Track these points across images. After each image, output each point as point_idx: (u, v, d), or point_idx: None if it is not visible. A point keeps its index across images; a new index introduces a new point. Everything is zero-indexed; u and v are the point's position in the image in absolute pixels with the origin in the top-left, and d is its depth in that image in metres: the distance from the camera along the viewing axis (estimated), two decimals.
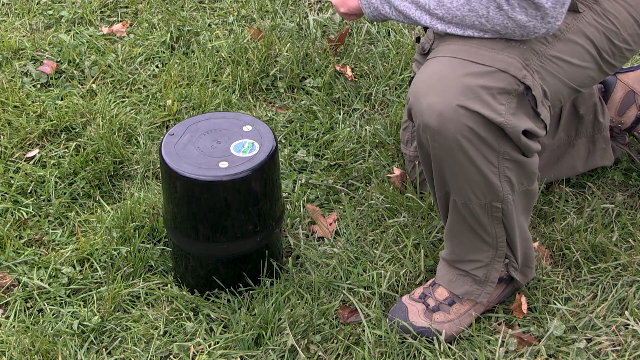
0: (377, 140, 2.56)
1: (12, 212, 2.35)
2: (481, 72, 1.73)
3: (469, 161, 1.77)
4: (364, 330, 2.01)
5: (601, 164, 2.39)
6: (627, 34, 1.92)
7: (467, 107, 1.71)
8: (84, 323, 2.03)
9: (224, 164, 1.91)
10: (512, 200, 1.86)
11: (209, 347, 1.98)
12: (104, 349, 2.00)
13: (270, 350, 1.97)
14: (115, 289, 2.10)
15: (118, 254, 2.19)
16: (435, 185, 1.89)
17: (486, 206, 1.86)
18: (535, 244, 2.20)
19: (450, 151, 1.76)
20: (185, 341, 2.00)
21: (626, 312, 2.05)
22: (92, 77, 2.84)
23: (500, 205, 1.85)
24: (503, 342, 1.98)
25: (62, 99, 2.73)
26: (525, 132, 1.78)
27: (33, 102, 2.72)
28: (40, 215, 2.35)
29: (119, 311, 2.08)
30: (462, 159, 1.77)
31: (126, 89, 2.80)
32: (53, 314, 2.07)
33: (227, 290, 2.08)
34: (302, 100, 2.72)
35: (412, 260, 2.17)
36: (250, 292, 2.09)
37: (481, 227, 1.90)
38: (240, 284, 2.08)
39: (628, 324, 2.03)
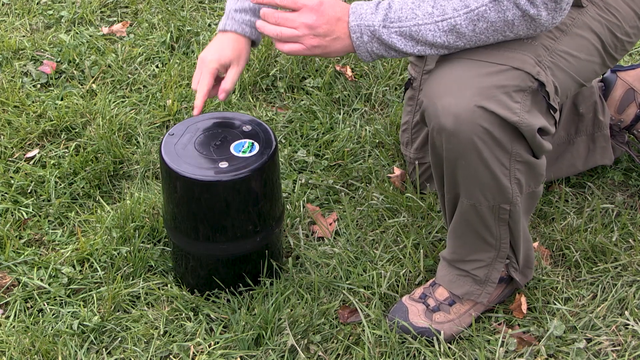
0: (377, 140, 2.56)
1: (12, 212, 2.35)
2: (495, 72, 1.72)
3: (482, 163, 1.76)
4: (364, 330, 2.01)
5: (601, 163, 2.39)
6: (628, 27, 1.93)
7: (485, 108, 1.69)
8: (84, 323, 2.03)
9: (224, 164, 1.91)
10: (519, 202, 1.86)
11: (209, 347, 1.98)
12: (104, 349, 2.00)
13: (270, 350, 1.97)
14: (115, 289, 2.09)
15: (118, 254, 2.19)
16: (446, 187, 1.88)
17: (494, 208, 1.85)
18: (535, 244, 2.20)
19: (464, 153, 1.75)
20: (185, 341, 2.00)
21: (626, 312, 2.05)
22: (92, 77, 2.84)
23: (509, 207, 1.85)
24: (503, 342, 1.98)
25: (62, 99, 2.73)
26: (539, 130, 1.78)
27: (33, 102, 2.72)
28: (40, 215, 2.34)
29: (119, 311, 2.08)
30: (475, 160, 1.76)
31: (126, 89, 2.80)
32: (53, 314, 2.07)
33: (227, 290, 2.08)
34: (302, 100, 2.72)
35: (412, 260, 2.17)
36: (250, 292, 2.09)
37: (486, 228, 1.90)
38: (240, 284, 2.08)
39: (628, 324, 2.02)
